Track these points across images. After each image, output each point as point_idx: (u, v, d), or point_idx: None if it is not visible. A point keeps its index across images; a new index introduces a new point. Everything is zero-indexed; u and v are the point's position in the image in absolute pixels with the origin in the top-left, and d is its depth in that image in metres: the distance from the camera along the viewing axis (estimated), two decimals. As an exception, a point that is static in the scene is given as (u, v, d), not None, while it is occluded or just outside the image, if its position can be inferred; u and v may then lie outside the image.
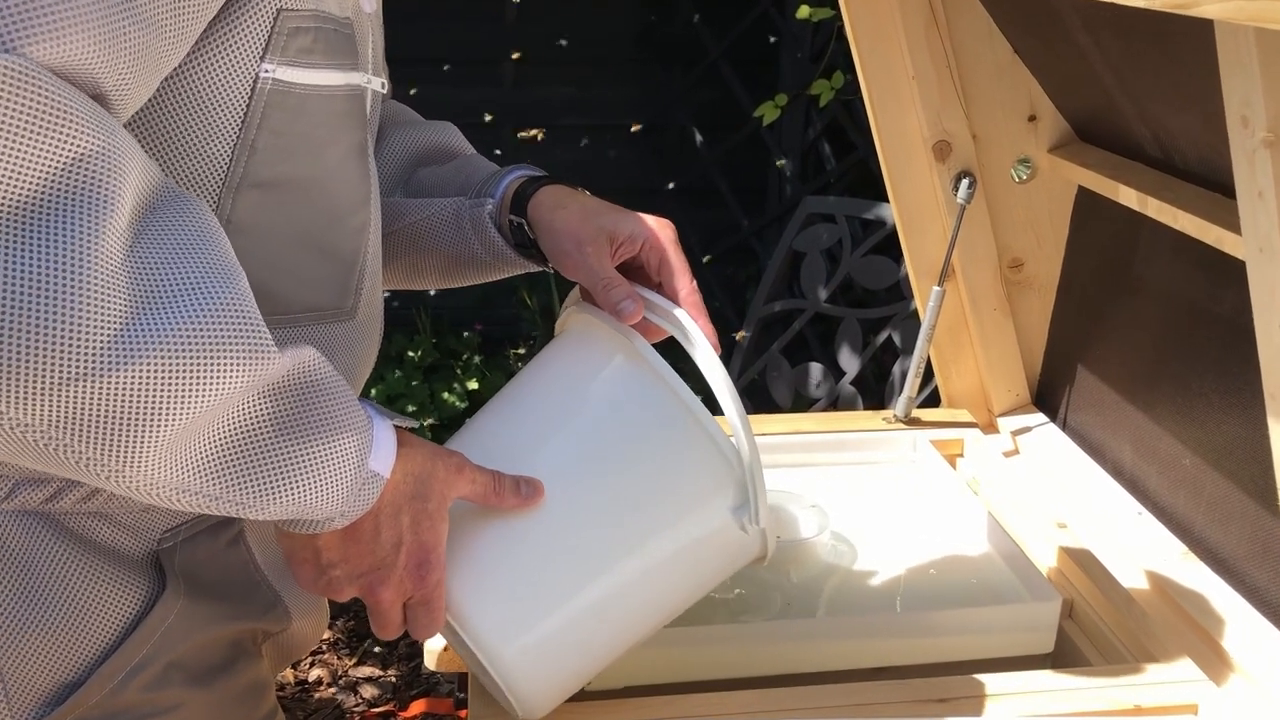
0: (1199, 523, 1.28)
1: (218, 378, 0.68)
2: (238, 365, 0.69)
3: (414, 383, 3.35)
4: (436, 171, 1.11)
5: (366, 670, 2.55)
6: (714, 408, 0.97)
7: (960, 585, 1.25)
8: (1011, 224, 1.52)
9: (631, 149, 3.87)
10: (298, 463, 0.74)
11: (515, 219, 1.03)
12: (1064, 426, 1.56)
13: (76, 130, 0.63)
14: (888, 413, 1.59)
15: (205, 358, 0.67)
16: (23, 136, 0.60)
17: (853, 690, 1.06)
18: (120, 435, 0.65)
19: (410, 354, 3.43)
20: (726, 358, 3.07)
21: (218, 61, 0.76)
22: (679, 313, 0.96)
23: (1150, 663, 1.12)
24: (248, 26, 0.76)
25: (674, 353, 0.98)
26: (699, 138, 3.80)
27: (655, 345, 0.96)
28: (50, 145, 0.61)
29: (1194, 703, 1.06)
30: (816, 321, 3.01)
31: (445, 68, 3.65)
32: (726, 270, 3.70)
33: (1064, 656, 1.20)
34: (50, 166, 0.62)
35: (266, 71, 0.78)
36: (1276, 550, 1.16)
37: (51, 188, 0.62)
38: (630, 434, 0.94)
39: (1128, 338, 1.42)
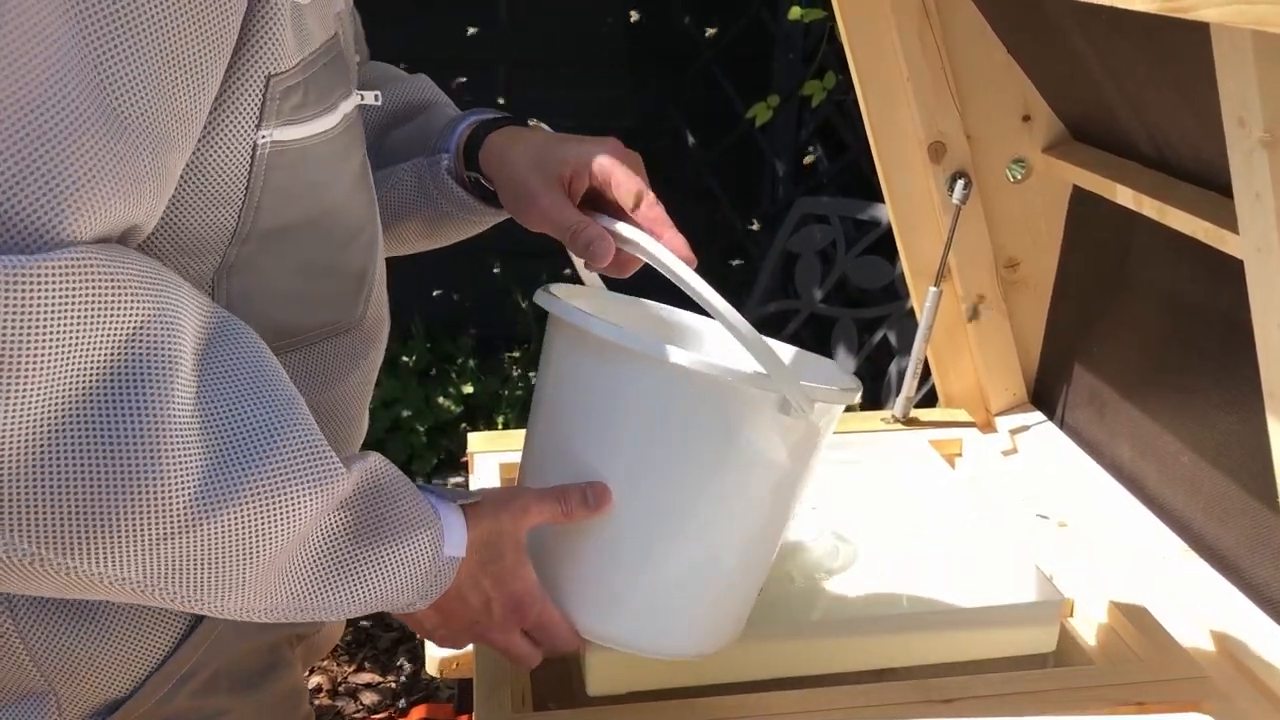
0: (1198, 519, 1.29)
1: (296, 508, 0.72)
2: (312, 493, 0.72)
3: (409, 388, 3.34)
4: (402, 132, 1.08)
5: (366, 677, 2.54)
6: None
7: (962, 584, 1.25)
8: (1007, 224, 1.52)
9: (623, 151, 3.85)
10: (375, 565, 0.78)
11: (472, 175, 1.01)
12: (1062, 425, 1.56)
13: (130, 301, 0.65)
14: (886, 413, 1.60)
15: (283, 493, 0.71)
16: (84, 322, 0.62)
17: (858, 692, 1.07)
18: (214, 578, 0.70)
19: (405, 358, 3.42)
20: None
21: (216, 140, 0.74)
22: (639, 235, 0.91)
23: (1152, 660, 1.12)
24: (240, 103, 0.74)
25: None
26: (691, 139, 3.80)
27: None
28: (110, 323, 0.64)
29: (1197, 700, 1.07)
30: (811, 322, 3.01)
31: (436, 68, 3.64)
32: (721, 271, 3.70)
33: (1066, 655, 1.20)
34: (114, 343, 0.64)
35: (264, 138, 0.76)
36: (1276, 545, 1.16)
37: (118, 363, 0.64)
38: (669, 421, 0.92)
39: (1124, 336, 1.43)
